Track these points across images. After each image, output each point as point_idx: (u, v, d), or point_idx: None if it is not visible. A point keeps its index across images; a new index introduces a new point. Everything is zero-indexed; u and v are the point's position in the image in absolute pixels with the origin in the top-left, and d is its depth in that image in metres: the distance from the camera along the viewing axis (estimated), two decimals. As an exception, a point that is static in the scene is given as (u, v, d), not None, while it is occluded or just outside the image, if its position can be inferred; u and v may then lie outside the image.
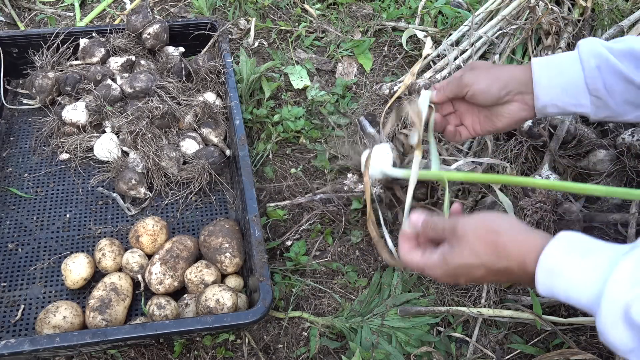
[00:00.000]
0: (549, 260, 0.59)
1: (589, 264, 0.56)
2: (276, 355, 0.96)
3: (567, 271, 0.58)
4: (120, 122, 1.19)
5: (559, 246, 0.59)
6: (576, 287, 0.57)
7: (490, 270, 0.64)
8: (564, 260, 0.58)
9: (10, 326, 0.97)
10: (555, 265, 0.59)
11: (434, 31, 1.50)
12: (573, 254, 0.58)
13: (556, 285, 0.58)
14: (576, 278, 0.57)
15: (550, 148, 1.05)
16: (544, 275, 0.59)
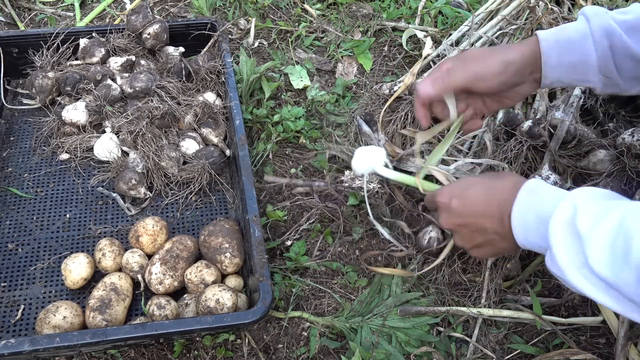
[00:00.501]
0: (531, 184, 0.68)
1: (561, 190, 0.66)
2: (276, 355, 0.96)
3: (544, 190, 0.66)
4: (120, 122, 1.19)
5: (540, 179, 0.72)
6: (547, 201, 0.64)
7: (474, 227, 0.74)
8: (544, 184, 0.68)
9: (10, 326, 0.97)
10: (537, 186, 0.68)
11: (434, 31, 1.50)
12: (549, 183, 0.74)
13: (532, 204, 0.66)
14: (550, 194, 0.65)
15: (550, 148, 1.05)
16: (525, 193, 0.67)
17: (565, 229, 0.60)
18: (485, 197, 0.72)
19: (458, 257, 1.02)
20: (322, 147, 1.27)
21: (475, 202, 0.74)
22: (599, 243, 0.56)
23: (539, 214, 0.65)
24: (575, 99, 1.11)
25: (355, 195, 1.12)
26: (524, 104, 1.23)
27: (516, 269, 1.01)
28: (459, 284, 1.02)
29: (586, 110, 1.22)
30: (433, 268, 1.04)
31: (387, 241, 1.09)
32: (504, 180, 0.72)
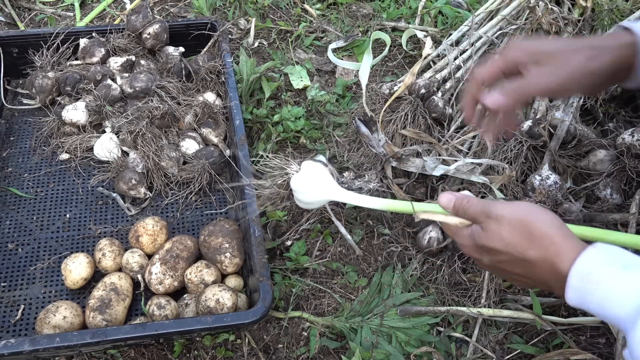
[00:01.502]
0: (586, 265, 0.55)
1: (632, 277, 0.53)
2: (276, 355, 0.96)
3: (606, 280, 0.54)
4: (120, 122, 1.19)
5: (598, 254, 0.56)
6: (615, 299, 0.53)
7: (515, 258, 0.61)
8: (604, 268, 0.55)
9: (10, 326, 0.97)
10: (594, 271, 0.55)
11: (434, 31, 1.50)
12: (614, 265, 0.54)
13: (590, 293, 0.55)
14: (616, 289, 0.53)
15: (550, 148, 1.05)
16: (577, 279, 0.56)
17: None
18: (517, 268, 0.63)
19: (458, 257, 1.02)
20: (323, 147, 1.27)
21: (518, 276, 0.64)
22: None
23: (605, 309, 0.55)
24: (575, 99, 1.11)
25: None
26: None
27: (516, 269, 1.01)
28: (459, 284, 1.02)
29: (586, 110, 1.22)
30: (433, 268, 1.05)
31: (387, 241, 1.09)
32: (538, 251, 0.60)
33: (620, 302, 0.53)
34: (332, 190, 0.82)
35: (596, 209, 1.06)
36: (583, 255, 0.56)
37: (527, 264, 0.60)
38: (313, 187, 0.82)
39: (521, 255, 0.60)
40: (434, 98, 1.18)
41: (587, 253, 0.56)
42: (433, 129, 1.18)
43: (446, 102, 1.19)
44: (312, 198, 0.83)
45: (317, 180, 0.83)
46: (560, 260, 0.57)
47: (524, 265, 0.61)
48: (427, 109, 1.18)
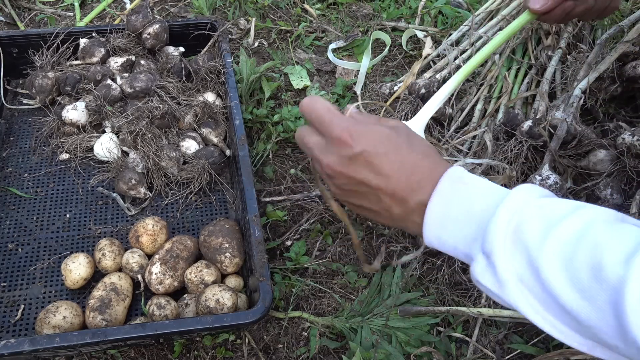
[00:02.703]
0: (457, 171, 0.55)
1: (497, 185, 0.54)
2: (276, 355, 0.96)
3: (475, 181, 0.54)
4: (120, 122, 1.19)
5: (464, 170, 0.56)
6: (478, 197, 0.52)
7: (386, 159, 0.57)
8: (472, 174, 0.55)
9: (10, 326, 0.97)
10: (465, 175, 0.55)
11: (434, 31, 1.50)
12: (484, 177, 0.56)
13: (458, 195, 0.53)
14: (482, 187, 0.53)
15: (550, 148, 1.05)
16: (448, 182, 0.54)
17: (510, 236, 0.48)
18: (398, 165, 0.56)
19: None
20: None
21: (382, 170, 0.57)
22: (554, 257, 0.45)
23: (469, 210, 0.52)
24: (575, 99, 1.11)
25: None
26: (524, 104, 1.23)
27: (516, 269, 1.01)
28: (459, 284, 1.02)
29: (586, 110, 1.22)
30: (433, 268, 1.05)
31: (387, 241, 1.09)
32: (423, 156, 0.57)
33: (481, 202, 0.52)
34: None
35: (596, 209, 1.06)
36: (454, 166, 0.56)
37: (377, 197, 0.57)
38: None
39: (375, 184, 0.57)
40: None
41: (456, 165, 0.57)
42: (433, 129, 1.18)
43: (446, 102, 1.19)
44: None
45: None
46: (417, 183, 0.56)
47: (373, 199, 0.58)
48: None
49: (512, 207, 0.49)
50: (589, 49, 1.25)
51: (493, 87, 1.28)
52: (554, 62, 1.23)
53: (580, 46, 1.26)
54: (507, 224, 0.48)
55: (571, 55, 1.24)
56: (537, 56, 1.29)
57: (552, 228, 0.46)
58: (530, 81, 1.25)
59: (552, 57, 1.25)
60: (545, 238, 0.45)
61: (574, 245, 0.44)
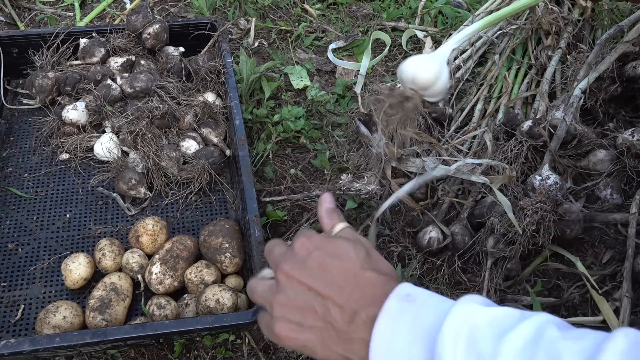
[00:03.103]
0: (406, 288, 0.53)
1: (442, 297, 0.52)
2: (276, 355, 0.96)
3: (423, 297, 0.52)
4: (120, 122, 1.19)
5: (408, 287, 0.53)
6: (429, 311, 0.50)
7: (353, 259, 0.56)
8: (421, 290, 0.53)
9: (10, 326, 0.97)
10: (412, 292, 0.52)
11: (434, 31, 1.50)
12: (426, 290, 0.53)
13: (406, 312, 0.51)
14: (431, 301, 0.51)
15: (550, 148, 1.05)
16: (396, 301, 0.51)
17: (461, 346, 0.46)
18: (352, 277, 0.55)
19: (458, 257, 1.02)
20: (324, 147, 1.27)
21: (340, 272, 0.55)
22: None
23: (415, 327, 0.50)
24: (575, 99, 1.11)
25: (353, 198, 1.12)
26: (524, 104, 1.23)
27: (516, 269, 1.01)
28: (459, 284, 1.02)
29: (586, 110, 1.22)
30: (433, 268, 1.05)
31: (387, 241, 1.09)
32: (379, 273, 0.56)
33: (431, 316, 0.50)
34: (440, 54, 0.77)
35: (596, 209, 1.06)
36: (402, 284, 0.54)
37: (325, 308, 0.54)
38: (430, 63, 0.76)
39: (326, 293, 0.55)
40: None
41: (404, 283, 0.54)
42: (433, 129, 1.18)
43: (446, 102, 1.19)
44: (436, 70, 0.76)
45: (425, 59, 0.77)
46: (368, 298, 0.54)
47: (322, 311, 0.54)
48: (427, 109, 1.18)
49: (459, 317, 0.47)
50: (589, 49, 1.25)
51: (493, 87, 1.28)
52: (554, 62, 1.23)
53: (580, 46, 1.26)
54: (455, 335, 0.46)
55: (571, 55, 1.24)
56: (537, 56, 1.29)
57: (505, 334, 0.45)
58: (530, 81, 1.25)
59: (552, 57, 1.25)
60: (499, 344, 0.44)
61: (531, 349, 0.43)
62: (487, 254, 0.99)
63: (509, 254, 0.98)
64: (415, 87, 0.76)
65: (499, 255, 0.98)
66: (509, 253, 0.98)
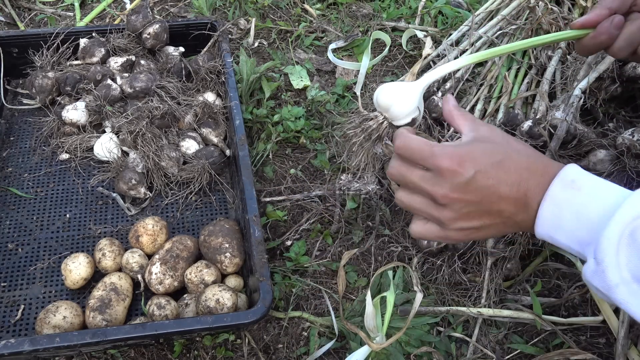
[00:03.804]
0: (570, 174, 0.56)
1: (611, 186, 0.54)
2: (276, 355, 0.96)
3: (588, 186, 0.54)
4: (120, 122, 1.19)
5: (579, 167, 0.57)
6: (592, 203, 0.53)
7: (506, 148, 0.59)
8: (587, 176, 0.55)
9: (10, 326, 0.97)
10: (577, 178, 0.55)
11: (434, 31, 1.50)
12: (594, 174, 0.56)
13: (570, 201, 0.54)
14: (596, 193, 0.54)
15: (550, 148, 1.05)
16: (560, 187, 0.55)
17: (625, 239, 0.50)
18: (514, 177, 0.58)
19: (458, 257, 1.02)
20: (324, 147, 1.27)
21: (500, 181, 0.58)
22: None
23: (580, 217, 0.54)
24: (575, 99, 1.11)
25: (353, 198, 1.12)
26: (524, 104, 1.23)
27: (516, 269, 1.01)
28: (459, 284, 1.02)
29: (586, 110, 1.22)
30: (433, 268, 1.05)
31: (387, 241, 1.09)
32: (534, 159, 0.59)
33: (596, 208, 0.53)
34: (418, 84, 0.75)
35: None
36: (567, 166, 0.57)
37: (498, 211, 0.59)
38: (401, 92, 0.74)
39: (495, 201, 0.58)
40: (434, 98, 1.18)
41: (570, 165, 0.57)
42: (433, 129, 1.18)
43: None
44: (407, 100, 0.74)
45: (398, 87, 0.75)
46: (546, 165, 0.58)
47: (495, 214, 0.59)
48: (427, 109, 1.18)
49: (629, 214, 0.50)
50: (589, 49, 1.25)
51: (493, 87, 1.27)
52: (554, 62, 1.23)
53: (580, 46, 1.26)
54: (621, 230, 0.50)
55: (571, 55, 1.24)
56: (537, 56, 1.29)
57: None
58: (530, 81, 1.25)
59: (552, 57, 1.25)
60: None
61: None
62: (487, 254, 0.99)
63: (509, 254, 0.98)
64: (388, 115, 0.75)
65: (499, 255, 0.98)
66: (509, 253, 0.98)
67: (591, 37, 0.78)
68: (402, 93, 0.74)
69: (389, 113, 0.75)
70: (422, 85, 0.75)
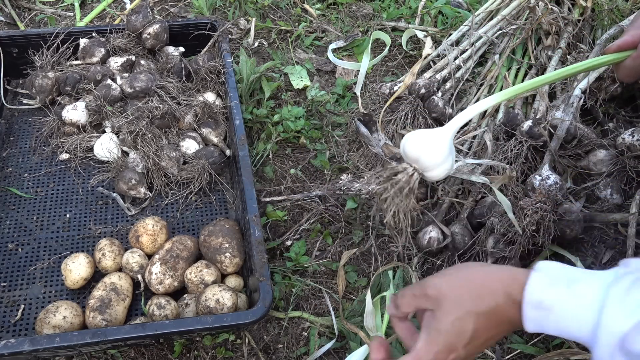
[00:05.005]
0: (534, 294, 0.56)
1: (577, 295, 0.55)
2: (276, 355, 0.96)
3: (557, 305, 0.55)
4: (120, 122, 1.19)
5: (541, 278, 0.57)
6: (569, 320, 0.55)
7: (480, 316, 0.59)
8: (550, 292, 0.56)
9: (10, 326, 0.97)
10: (543, 298, 0.56)
11: (434, 31, 1.50)
12: (558, 286, 0.56)
13: (547, 320, 0.56)
14: (568, 311, 0.55)
15: (550, 148, 1.05)
16: (532, 310, 0.57)
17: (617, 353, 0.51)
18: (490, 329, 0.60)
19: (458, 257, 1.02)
20: (323, 147, 1.27)
21: (482, 339, 0.60)
22: None
23: (563, 332, 0.56)
24: (575, 99, 1.11)
25: (353, 199, 1.12)
26: (524, 104, 1.23)
27: (516, 269, 1.01)
28: (459, 284, 1.02)
29: (586, 110, 1.22)
30: (433, 268, 1.05)
31: (387, 242, 1.09)
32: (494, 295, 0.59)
33: (575, 324, 0.55)
34: (446, 131, 0.71)
35: (596, 209, 1.06)
36: (529, 283, 0.57)
37: (491, 314, 0.59)
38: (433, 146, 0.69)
39: (482, 309, 0.59)
40: (434, 98, 1.18)
41: (532, 280, 0.57)
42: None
43: (446, 102, 1.19)
44: (440, 156, 0.69)
45: (427, 137, 0.70)
46: (513, 292, 0.58)
47: (490, 319, 0.59)
48: (427, 109, 1.18)
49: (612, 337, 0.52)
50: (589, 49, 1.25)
51: (493, 87, 1.28)
52: (554, 62, 1.23)
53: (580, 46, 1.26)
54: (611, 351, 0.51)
55: (571, 55, 1.24)
56: (537, 56, 1.29)
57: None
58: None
59: (552, 57, 1.25)
60: None
61: None
62: (487, 254, 0.99)
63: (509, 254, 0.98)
64: (418, 167, 0.71)
65: (499, 255, 0.98)
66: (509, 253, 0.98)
67: (633, 58, 0.75)
68: (431, 141, 0.70)
69: (418, 164, 0.71)
70: (452, 130, 0.71)
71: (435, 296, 0.60)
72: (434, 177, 0.72)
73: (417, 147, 0.70)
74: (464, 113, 0.74)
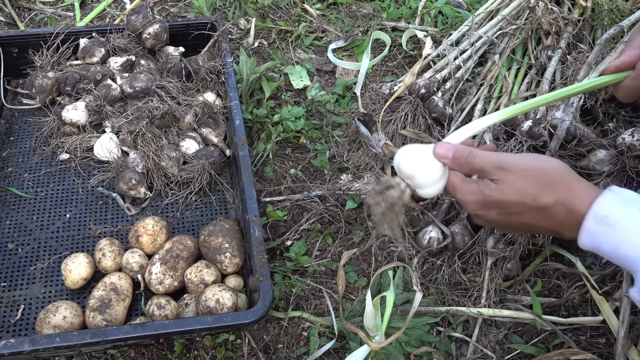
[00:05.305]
0: (603, 209, 0.57)
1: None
2: (276, 355, 0.96)
3: (623, 222, 0.56)
4: (120, 122, 1.19)
5: (615, 198, 0.58)
6: (629, 240, 0.55)
7: (530, 207, 0.61)
8: (621, 212, 0.56)
9: (10, 326, 0.97)
10: (610, 215, 0.57)
11: (434, 31, 1.50)
12: (629, 206, 0.56)
13: (606, 235, 0.57)
14: (632, 232, 0.55)
15: (550, 148, 1.05)
16: (594, 222, 0.57)
17: None
18: (531, 218, 0.63)
19: (458, 257, 1.02)
20: (323, 147, 1.27)
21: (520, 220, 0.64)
22: None
23: (619, 251, 0.57)
24: (575, 99, 1.11)
25: (353, 199, 1.12)
26: (524, 104, 1.22)
27: (516, 269, 1.01)
28: (459, 284, 1.02)
29: (586, 110, 1.22)
30: (433, 268, 1.05)
31: (387, 242, 1.09)
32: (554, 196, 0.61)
33: (634, 244, 0.55)
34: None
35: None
36: (600, 198, 0.58)
37: (541, 211, 0.61)
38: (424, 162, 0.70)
39: (536, 202, 0.61)
40: (434, 98, 1.18)
41: (604, 196, 0.58)
42: (433, 129, 1.18)
43: (446, 102, 1.19)
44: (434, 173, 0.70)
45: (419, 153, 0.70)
46: (578, 204, 0.59)
47: (536, 213, 0.62)
48: (427, 109, 1.18)
49: None
50: (589, 49, 1.25)
51: (493, 87, 1.27)
52: (554, 62, 1.23)
53: (580, 46, 1.26)
54: None
55: (571, 55, 1.24)
56: (537, 56, 1.29)
57: None
58: (530, 81, 1.25)
59: (552, 57, 1.25)
60: None
61: None
62: (487, 254, 0.99)
63: (509, 254, 0.98)
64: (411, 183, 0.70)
65: (499, 255, 0.98)
66: (509, 253, 0.98)
67: (632, 78, 0.76)
68: (427, 159, 0.69)
69: (412, 181, 0.70)
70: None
71: (505, 173, 0.63)
72: (427, 195, 0.72)
73: (412, 164, 0.70)
74: (458, 132, 0.75)
